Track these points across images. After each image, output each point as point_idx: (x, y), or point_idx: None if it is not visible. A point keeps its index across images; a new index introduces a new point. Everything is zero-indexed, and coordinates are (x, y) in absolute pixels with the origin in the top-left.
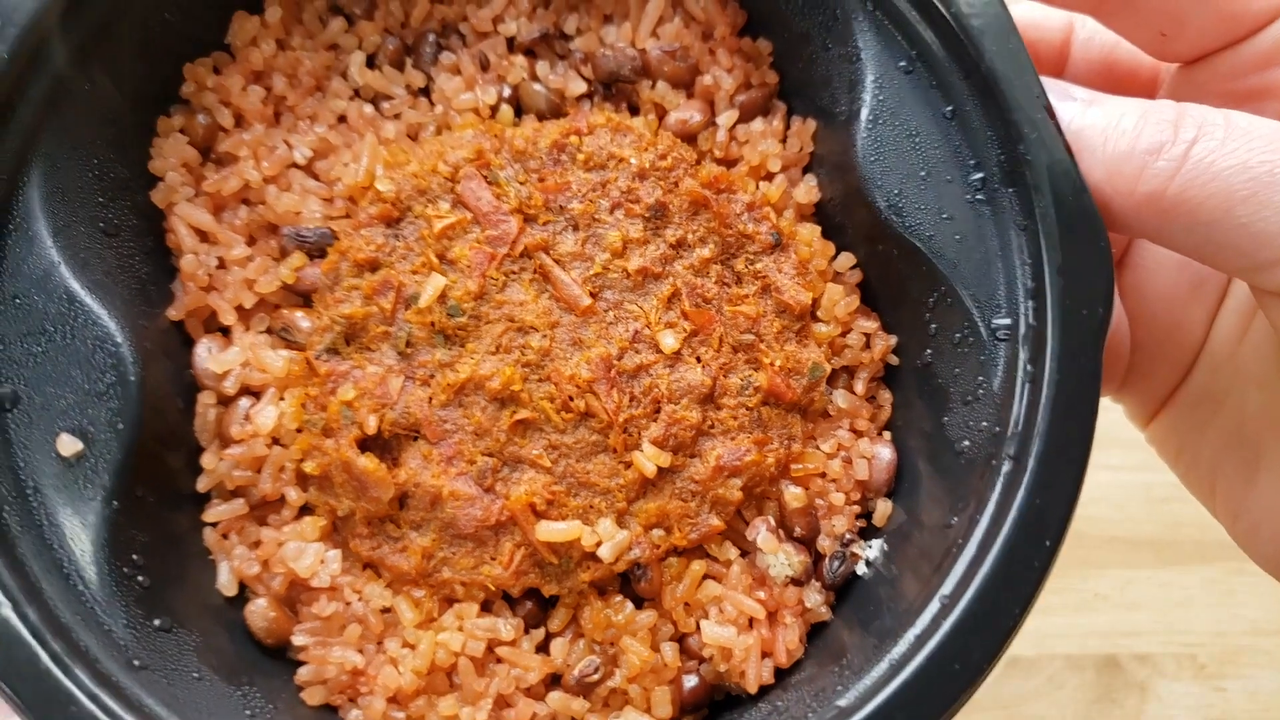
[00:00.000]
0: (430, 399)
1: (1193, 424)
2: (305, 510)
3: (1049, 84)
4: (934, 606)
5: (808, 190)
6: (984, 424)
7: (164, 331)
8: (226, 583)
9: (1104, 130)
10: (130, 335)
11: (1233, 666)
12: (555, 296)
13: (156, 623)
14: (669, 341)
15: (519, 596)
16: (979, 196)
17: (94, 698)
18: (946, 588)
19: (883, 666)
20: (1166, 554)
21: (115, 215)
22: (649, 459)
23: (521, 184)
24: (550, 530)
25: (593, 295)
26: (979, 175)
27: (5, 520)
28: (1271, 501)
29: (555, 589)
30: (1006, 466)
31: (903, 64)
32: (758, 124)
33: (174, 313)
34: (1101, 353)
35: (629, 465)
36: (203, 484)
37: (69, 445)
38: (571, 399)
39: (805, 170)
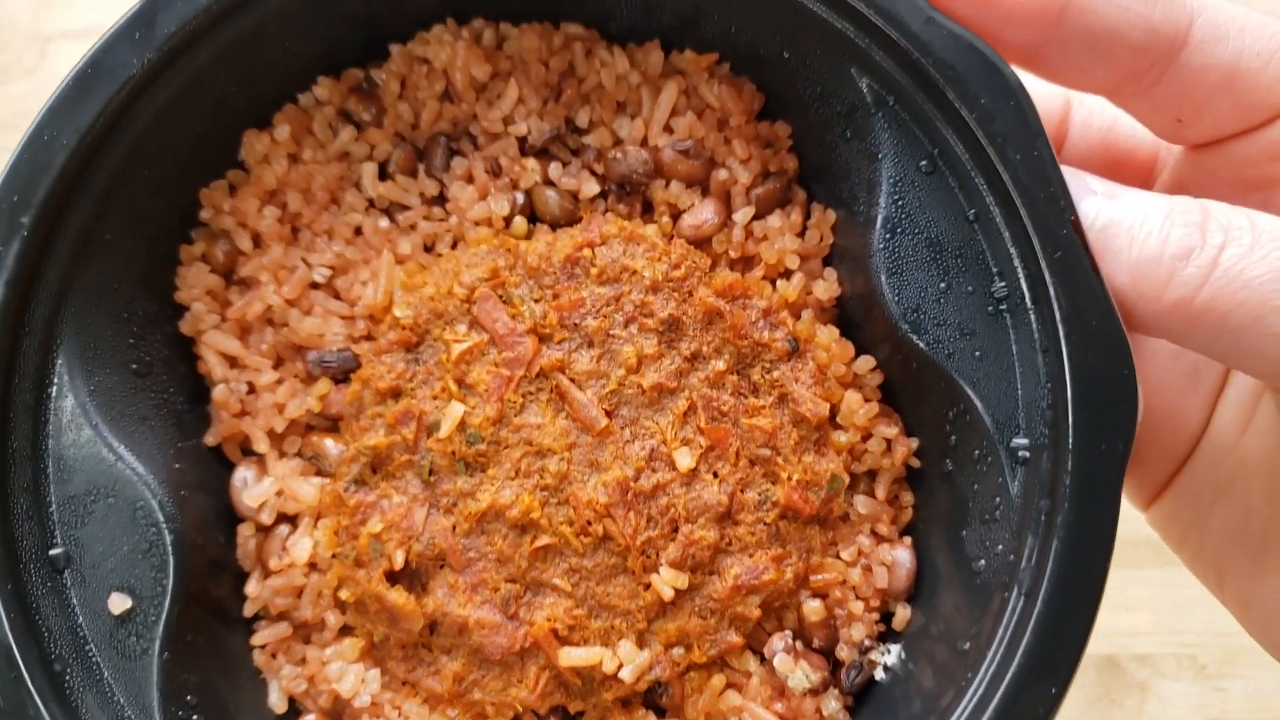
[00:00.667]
0: (454, 527)
1: (1195, 513)
2: (347, 629)
3: (1065, 173)
4: None
5: (827, 287)
6: (1000, 548)
7: (201, 458)
8: (277, 701)
9: (1129, 230)
10: (168, 489)
11: (1232, 666)
12: (572, 416)
13: None
14: (684, 460)
15: (546, 714)
16: (1002, 309)
17: None
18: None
19: None
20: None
21: (146, 353)
22: (667, 583)
23: (536, 301)
24: (572, 656)
25: (609, 413)
26: (1002, 285)
27: (69, 681)
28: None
29: (580, 705)
30: (1019, 602)
31: (924, 163)
32: (774, 219)
33: (210, 439)
34: (1119, 491)
35: (648, 587)
36: (248, 609)
37: (119, 603)
38: (589, 524)
39: (826, 261)
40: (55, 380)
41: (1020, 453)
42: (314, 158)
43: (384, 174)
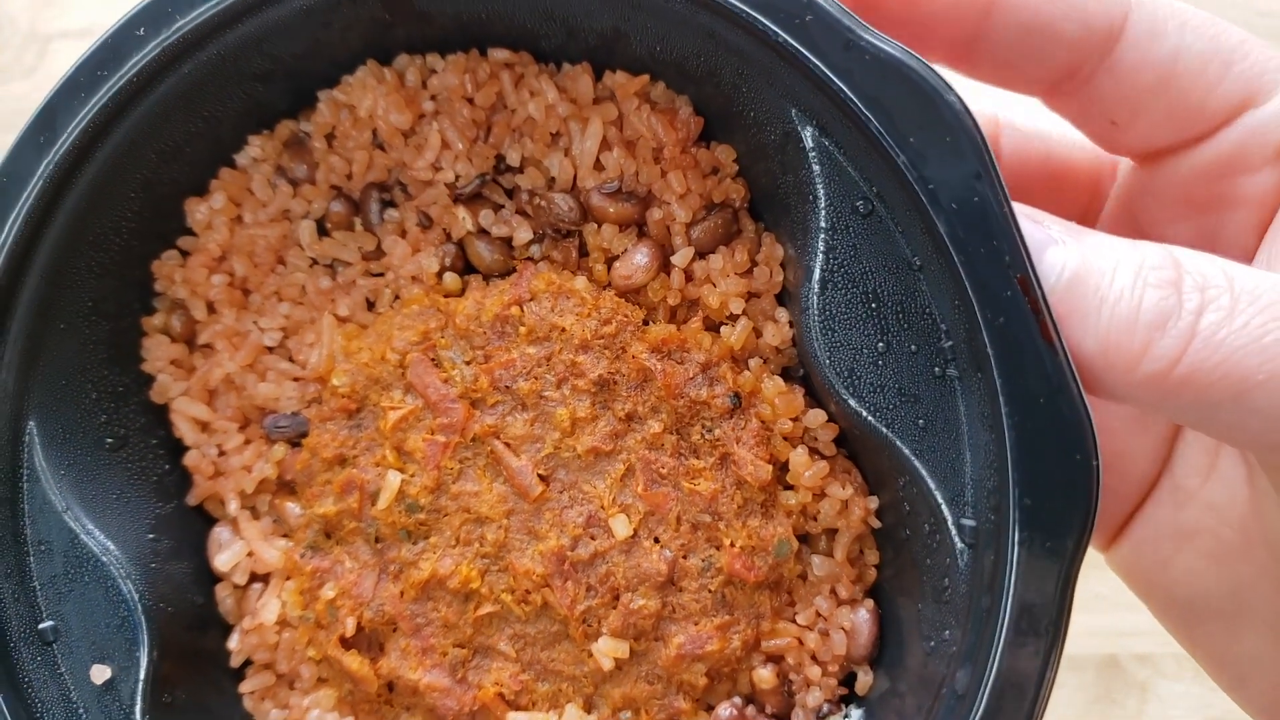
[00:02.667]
0: (401, 594)
1: (1157, 559)
2: (326, 679)
3: (1021, 219)
4: None
5: (777, 330)
6: (946, 633)
7: (186, 517)
8: None
9: (1098, 290)
10: (139, 566)
11: None
12: (509, 483)
13: None
14: (621, 530)
15: None
16: (950, 371)
17: None
18: None
19: None
20: None
21: (121, 425)
22: (606, 653)
23: (468, 363)
24: (519, 719)
25: (545, 478)
26: (948, 344)
27: None
28: (1258, 652)
29: None
30: (954, 701)
31: (860, 204)
32: (717, 259)
33: (191, 500)
34: (1067, 594)
35: (592, 654)
36: (235, 661)
37: (100, 674)
38: (529, 592)
39: (779, 298)
40: (26, 470)
41: (968, 533)
42: (255, 219)
43: (324, 229)
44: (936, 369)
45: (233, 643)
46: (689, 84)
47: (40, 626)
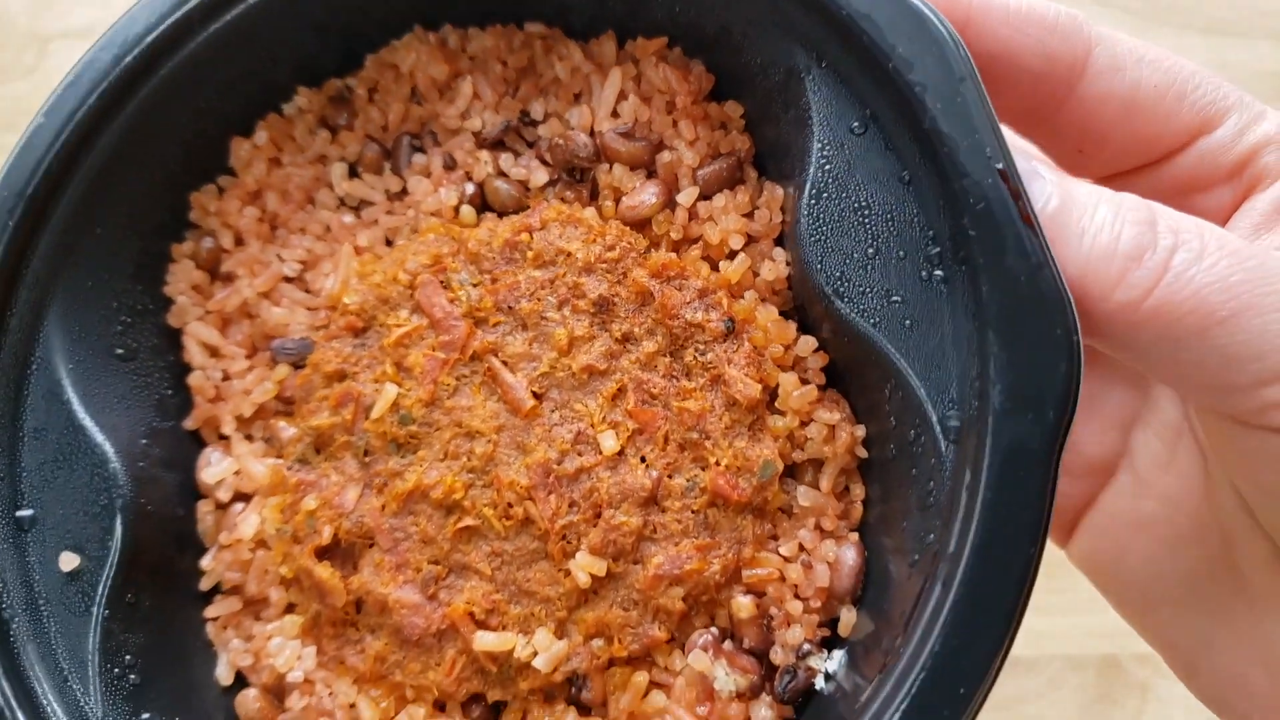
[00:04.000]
0: (383, 507)
1: (1115, 548)
2: (292, 606)
3: (1016, 152)
4: None
5: (774, 267)
6: (930, 537)
7: (180, 439)
8: (223, 673)
9: (1080, 221)
10: (125, 457)
11: None
12: (502, 398)
13: (145, 716)
14: (609, 443)
15: (465, 701)
16: (936, 273)
17: None
18: None
19: None
20: None
21: (134, 339)
22: (583, 568)
23: (475, 286)
24: (485, 641)
25: (539, 396)
26: (935, 250)
27: (14, 630)
28: (1209, 638)
29: (499, 694)
30: (936, 592)
31: (855, 125)
32: (720, 199)
33: (190, 423)
34: (1050, 470)
35: (568, 574)
36: (204, 583)
37: (68, 560)
38: (511, 505)
39: (779, 242)
40: (38, 356)
41: (953, 431)
42: (292, 161)
43: (355, 173)
44: (923, 273)
45: (206, 561)
46: (702, 47)
47: (18, 514)
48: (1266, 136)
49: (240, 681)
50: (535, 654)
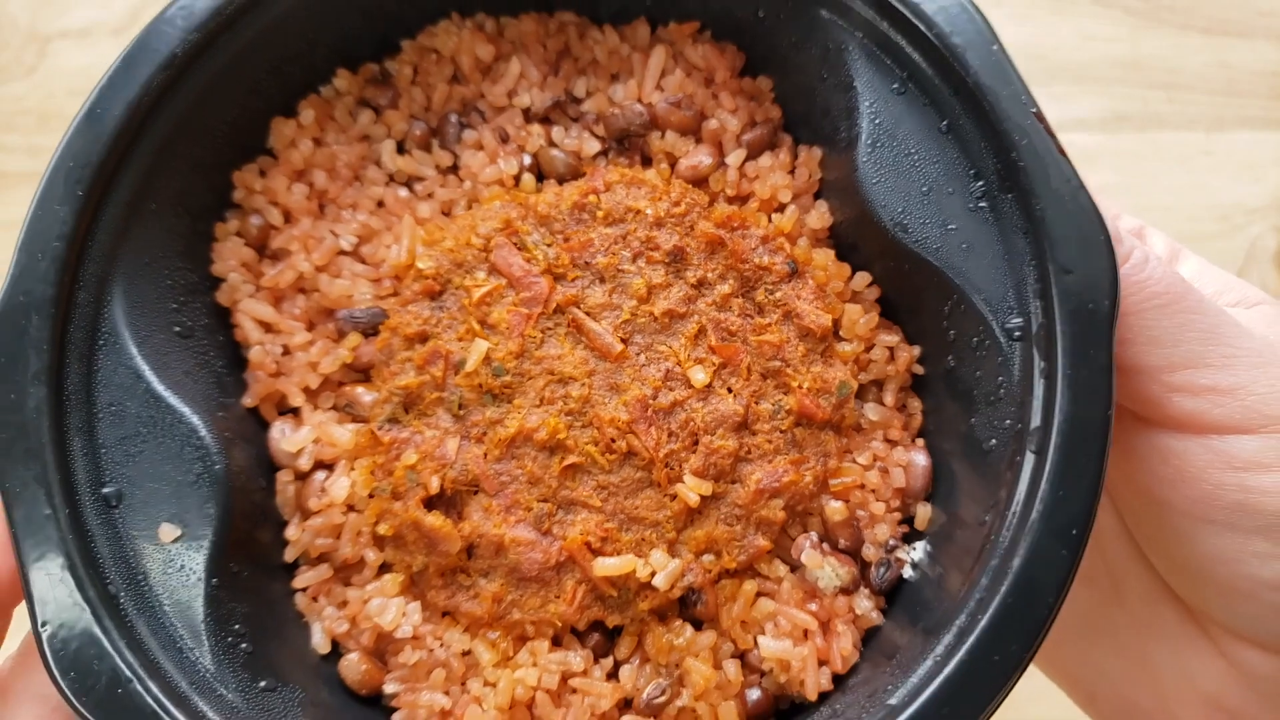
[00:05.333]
0: (485, 455)
1: None
2: (384, 568)
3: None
4: (972, 602)
5: (819, 216)
6: (1007, 422)
7: (241, 419)
8: (320, 642)
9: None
10: (211, 427)
11: None
12: (589, 346)
13: (262, 684)
14: (699, 376)
15: (585, 629)
16: (981, 204)
17: None
18: (983, 582)
19: (928, 664)
20: None
21: (188, 318)
22: (691, 489)
23: (549, 246)
24: (606, 566)
25: (624, 341)
26: (979, 184)
27: (124, 605)
28: (1105, 668)
29: (618, 619)
30: (1030, 461)
31: (895, 86)
32: (765, 159)
33: (248, 400)
34: (1112, 344)
35: (674, 497)
36: (289, 554)
37: (169, 532)
38: (613, 441)
39: (816, 196)
40: (106, 330)
41: (1016, 331)
42: (336, 140)
43: (401, 152)
44: (970, 205)
45: (291, 532)
46: (731, 31)
47: (104, 491)
48: None
49: (335, 649)
50: (653, 573)
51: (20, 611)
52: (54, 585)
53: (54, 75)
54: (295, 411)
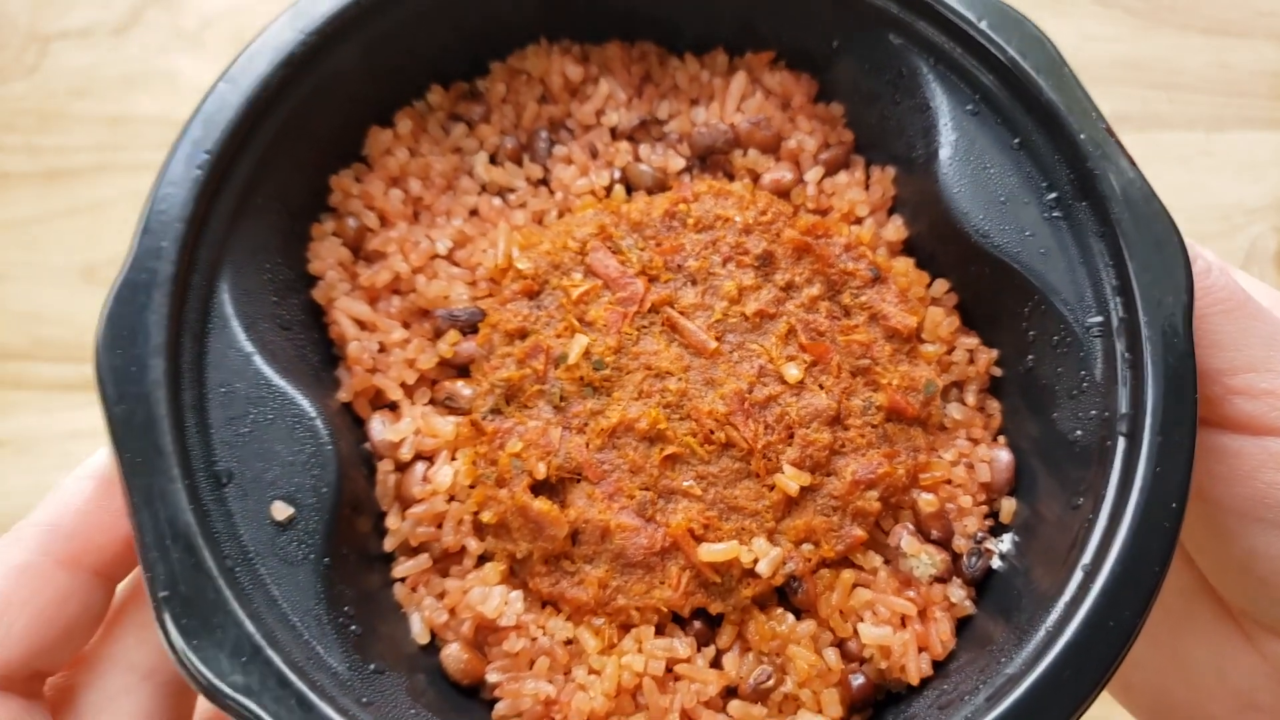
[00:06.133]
0: (587, 444)
1: None
2: (483, 559)
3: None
4: (1078, 576)
5: (896, 229)
6: (1093, 412)
7: (337, 413)
8: (420, 632)
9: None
10: (321, 410)
11: None
12: (684, 344)
13: (372, 666)
14: (793, 372)
15: (688, 617)
16: (1055, 214)
17: None
18: (1086, 557)
19: (1040, 635)
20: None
21: (287, 312)
22: (791, 479)
23: (642, 250)
24: (711, 551)
25: (717, 339)
26: (1053, 195)
27: (240, 580)
28: (1138, 656)
29: (721, 606)
30: (1122, 444)
31: (969, 107)
32: (842, 177)
33: (344, 395)
34: (1191, 332)
35: (772, 488)
36: (389, 543)
37: (282, 511)
38: (712, 432)
39: (890, 212)
40: (216, 314)
41: (1095, 327)
42: (430, 150)
43: (493, 164)
44: (1044, 214)
45: (391, 521)
46: (804, 62)
47: (215, 468)
48: None
49: (433, 640)
50: (756, 560)
51: None
52: (173, 555)
53: (54, 75)
54: (391, 408)
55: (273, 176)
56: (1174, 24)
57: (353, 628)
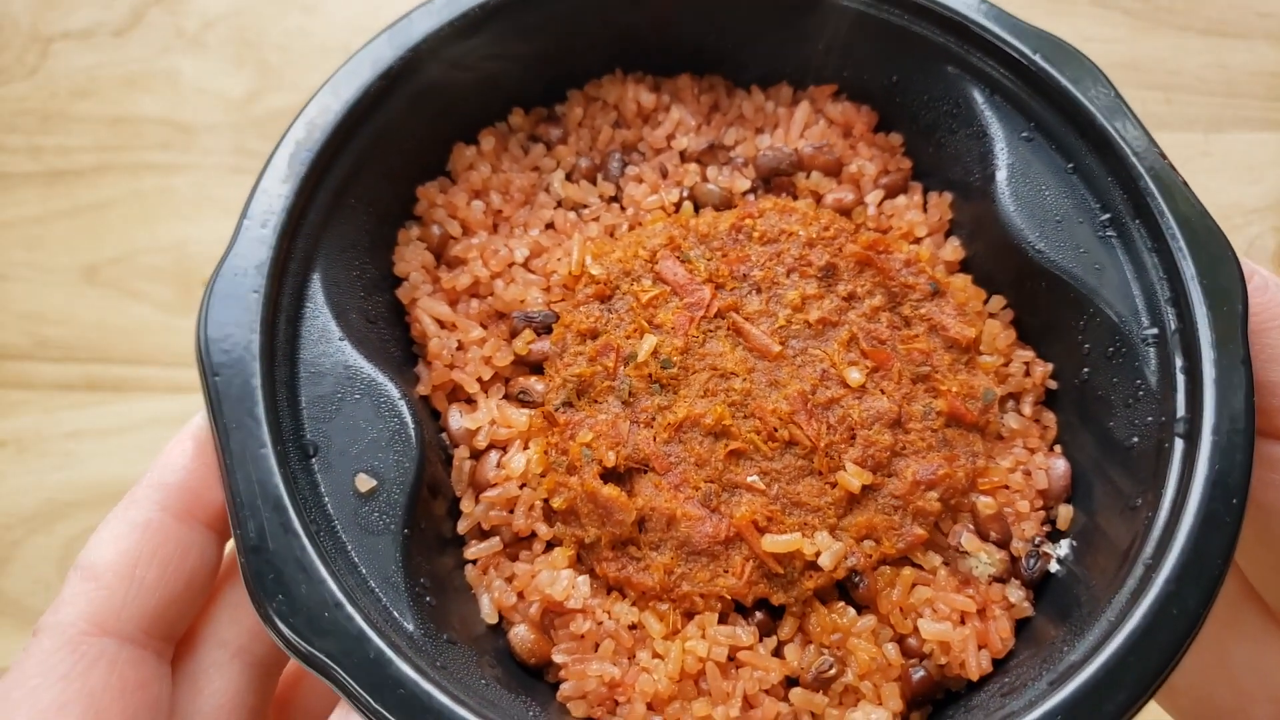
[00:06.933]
0: (654, 437)
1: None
2: (551, 544)
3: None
4: (1139, 570)
5: (954, 249)
6: (1149, 419)
7: (417, 403)
8: (489, 612)
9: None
10: (405, 393)
11: None
12: (749, 347)
13: (445, 636)
14: (855, 376)
15: (750, 608)
16: (1109, 233)
17: (417, 683)
18: (1147, 552)
19: (1102, 625)
20: None
21: (373, 307)
22: (853, 476)
23: (709, 259)
24: (775, 542)
25: (780, 344)
26: (1106, 216)
27: (323, 544)
28: (1186, 663)
29: (783, 597)
30: (1180, 445)
31: (1024, 134)
32: (900, 200)
33: (423, 388)
34: (1247, 340)
35: (834, 485)
36: (463, 526)
37: (365, 483)
38: (775, 430)
39: (947, 235)
40: (310, 299)
41: (1150, 338)
42: (510, 167)
43: (568, 179)
44: (1098, 233)
45: (465, 505)
46: (863, 96)
47: (303, 440)
48: None
49: (500, 622)
50: (818, 553)
51: None
52: (262, 514)
53: (56, 76)
54: (468, 402)
55: (364, 181)
56: (1172, 25)
57: (428, 599)
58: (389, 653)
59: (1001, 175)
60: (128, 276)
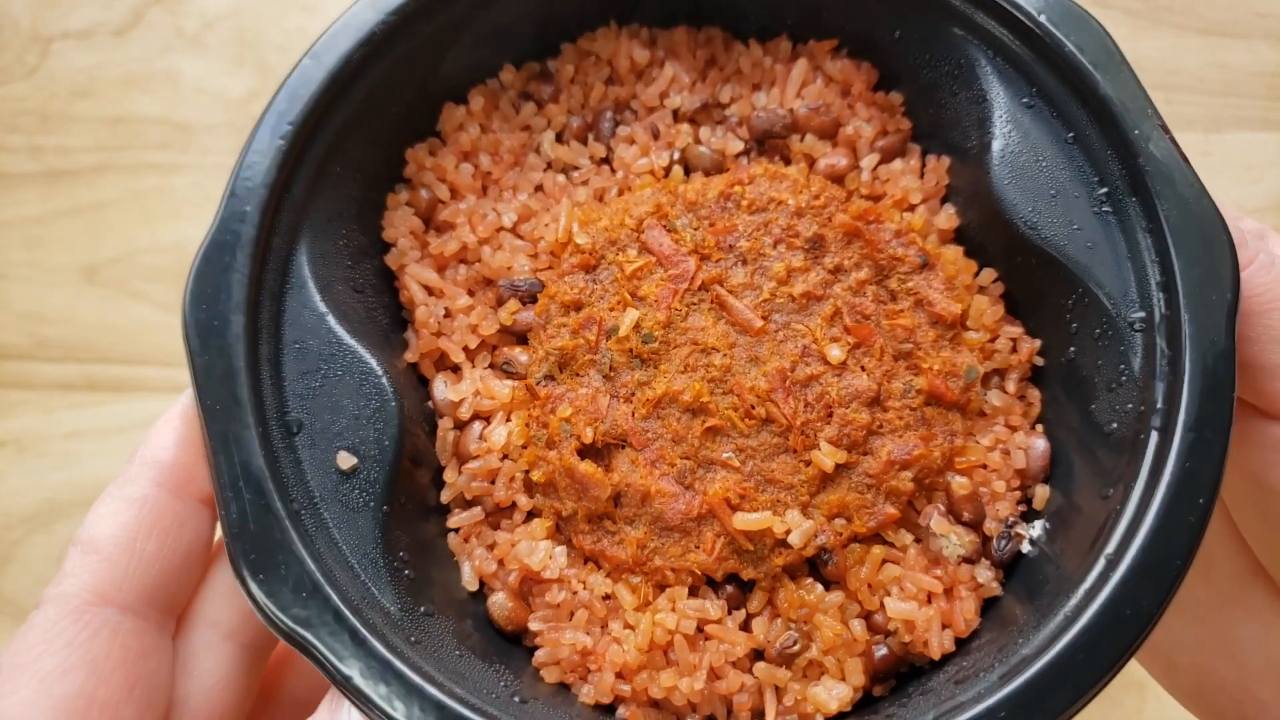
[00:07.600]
0: (633, 413)
1: None
2: (531, 515)
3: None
4: (1100, 564)
5: (948, 217)
6: (1129, 406)
7: (403, 372)
8: (469, 579)
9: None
10: (387, 369)
11: None
12: (731, 322)
13: (422, 609)
14: (835, 353)
15: (721, 581)
16: (1105, 208)
17: (390, 661)
18: (1110, 547)
19: (1058, 619)
20: None
21: (360, 276)
22: (827, 455)
23: (695, 229)
24: (746, 520)
25: (763, 318)
26: (1103, 190)
27: (305, 523)
28: (1183, 638)
29: (752, 573)
30: (1154, 438)
31: (1025, 100)
32: (897, 164)
33: (410, 356)
34: (1234, 332)
35: (809, 463)
36: (445, 495)
37: (346, 460)
38: (752, 407)
39: (943, 201)
40: (294, 275)
41: (1138, 322)
42: (501, 128)
43: (559, 142)
44: (1094, 209)
45: (449, 475)
46: (866, 50)
47: (286, 418)
48: None
49: (481, 589)
50: (789, 531)
51: None
52: (245, 496)
53: (56, 76)
54: (454, 370)
55: (351, 148)
56: (1171, 24)
57: (406, 572)
58: (363, 631)
59: (997, 145)
60: (127, 276)
